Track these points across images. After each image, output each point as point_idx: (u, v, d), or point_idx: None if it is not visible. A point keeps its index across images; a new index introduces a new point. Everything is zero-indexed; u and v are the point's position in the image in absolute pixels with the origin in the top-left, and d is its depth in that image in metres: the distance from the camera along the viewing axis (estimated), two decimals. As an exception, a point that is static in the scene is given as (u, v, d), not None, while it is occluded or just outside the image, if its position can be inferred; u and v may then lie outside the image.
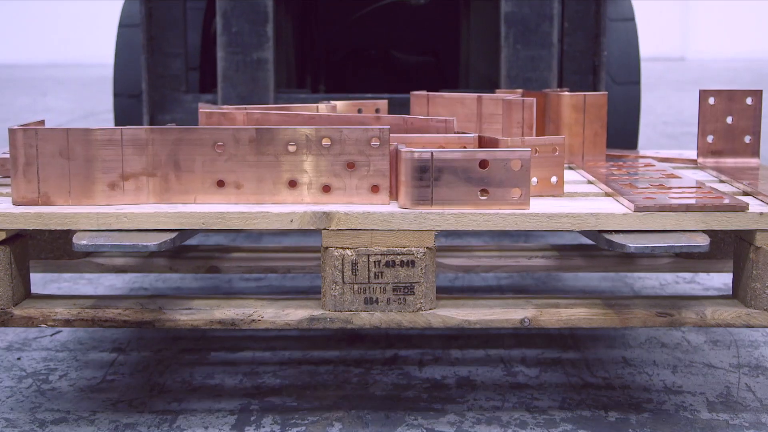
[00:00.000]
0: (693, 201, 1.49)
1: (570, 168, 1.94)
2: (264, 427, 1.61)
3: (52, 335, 2.04)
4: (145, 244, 1.42)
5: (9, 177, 1.71)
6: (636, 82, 2.80)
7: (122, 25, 2.89)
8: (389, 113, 2.37)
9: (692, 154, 2.11)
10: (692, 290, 2.38)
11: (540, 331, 2.01)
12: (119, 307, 1.52)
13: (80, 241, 1.43)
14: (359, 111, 2.11)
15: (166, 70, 2.54)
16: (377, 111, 2.13)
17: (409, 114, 2.26)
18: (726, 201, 1.49)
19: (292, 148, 1.54)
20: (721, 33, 13.83)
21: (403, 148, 1.51)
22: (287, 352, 1.93)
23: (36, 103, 7.95)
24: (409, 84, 3.21)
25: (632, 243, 1.42)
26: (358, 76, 3.17)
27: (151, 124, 2.52)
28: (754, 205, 1.52)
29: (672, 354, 1.94)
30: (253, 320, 1.51)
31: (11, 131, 1.52)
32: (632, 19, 2.88)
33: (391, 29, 3.16)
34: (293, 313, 1.52)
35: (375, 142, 1.54)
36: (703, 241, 1.43)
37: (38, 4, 13.68)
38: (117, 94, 2.82)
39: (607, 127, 2.71)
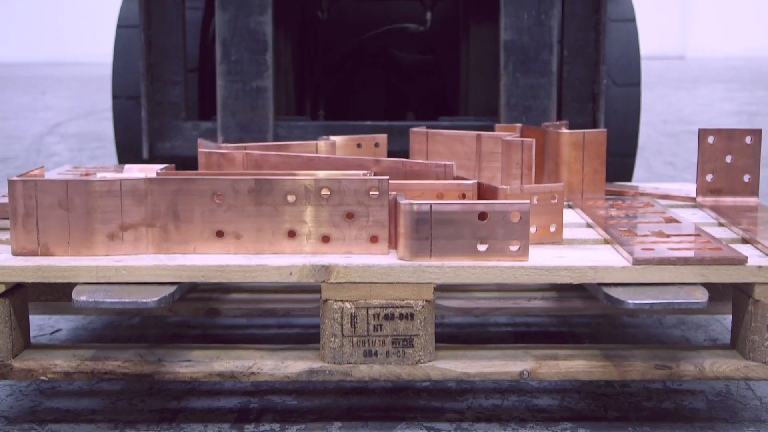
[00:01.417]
0: (692, 253, 1.49)
1: (569, 206, 1.95)
2: (263, 425, 1.60)
3: (51, 333, 2.04)
4: (144, 300, 1.42)
5: (8, 218, 1.71)
6: (636, 84, 2.79)
7: (120, 26, 2.87)
8: (389, 143, 2.37)
9: (691, 187, 2.11)
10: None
11: (541, 329, 1.97)
12: (119, 359, 1.53)
13: (80, 297, 1.43)
14: (358, 146, 2.12)
15: (165, 97, 2.54)
16: (376, 145, 2.13)
17: (408, 144, 2.26)
18: (725, 253, 1.49)
19: (291, 199, 1.55)
20: (720, 31, 13.82)
21: (402, 200, 1.51)
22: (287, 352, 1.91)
23: (35, 101, 7.94)
24: (408, 98, 3.20)
25: (631, 299, 1.42)
26: (358, 81, 3.14)
27: (150, 152, 2.52)
28: (753, 257, 1.52)
29: (672, 353, 1.94)
30: (252, 372, 1.51)
31: (10, 182, 1.52)
32: (633, 19, 2.87)
33: (392, 54, 3.16)
34: (292, 366, 1.52)
35: (374, 193, 1.55)
36: (701, 296, 1.43)
37: (37, 2, 13.66)
38: (116, 96, 2.80)
39: (607, 129, 2.70)
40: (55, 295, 1.83)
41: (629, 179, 2.89)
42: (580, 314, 1.90)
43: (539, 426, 1.60)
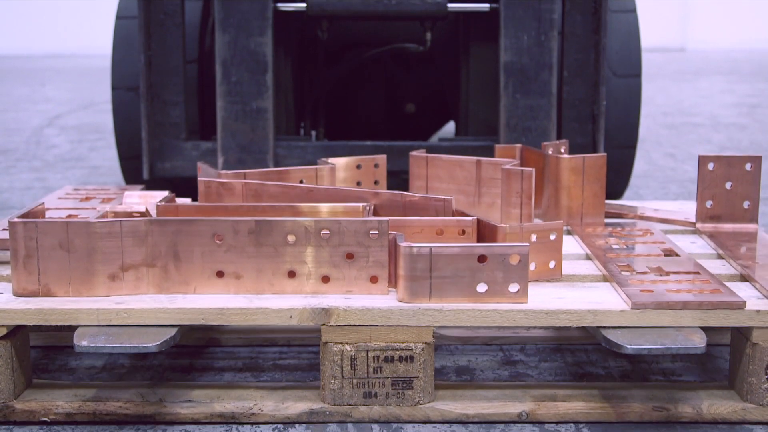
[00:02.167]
0: (690, 296, 1.50)
1: (568, 232, 1.95)
2: (260, 426, 1.55)
3: None
4: (145, 345, 1.43)
5: (8, 249, 1.71)
6: (637, 75, 2.79)
7: (119, 17, 2.86)
8: (389, 162, 2.38)
9: (691, 207, 2.11)
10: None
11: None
12: (120, 400, 1.53)
13: (81, 342, 1.44)
14: (358, 167, 2.12)
15: (166, 117, 2.53)
16: (376, 166, 2.14)
17: (408, 164, 2.27)
18: (723, 297, 1.49)
19: (291, 239, 1.55)
20: (721, 23, 13.76)
21: (401, 243, 1.51)
22: (285, 348, 1.90)
23: (35, 93, 7.92)
24: (408, 90, 3.20)
25: (629, 344, 1.43)
26: (358, 74, 3.12)
27: (150, 172, 2.52)
28: (751, 299, 1.52)
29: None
30: (253, 413, 1.52)
31: (11, 224, 1.53)
32: (633, 10, 2.87)
33: (394, 73, 3.16)
34: (293, 407, 1.53)
35: (373, 233, 1.55)
36: (700, 342, 1.44)
37: (37, -6, 13.59)
38: (115, 88, 2.79)
39: (608, 120, 2.70)
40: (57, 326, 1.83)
41: (630, 171, 2.89)
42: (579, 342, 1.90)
43: (540, 423, 1.57)
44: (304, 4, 2.51)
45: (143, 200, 1.97)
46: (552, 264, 1.65)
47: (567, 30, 2.54)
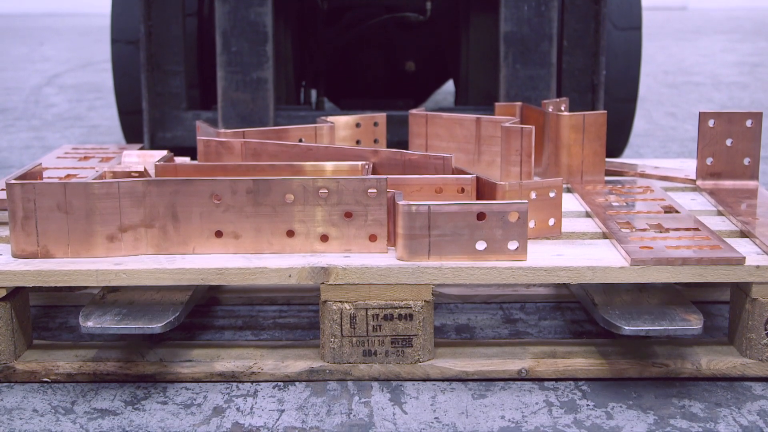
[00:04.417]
0: (690, 253, 1.50)
1: (568, 190, 1.94)
2: (261, 384, 1.55)
3: None
4: (150, 326, 1.43)
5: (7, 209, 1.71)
6: (637, 28, 2.77)
7: None
8: (389, 132, 2.37)
9: (692, 164, 2.11)
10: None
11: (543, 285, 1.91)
12: (120, 360, 1.54)
13: (87, 322, 1.45)
14: (357, 125, 2.11)
15: (166, 87, 2.52)
16: (375, 124, 2.13)
17: (407, 135, 2.25)
18: (723, 253, 1.49)
19: (289, 199, 1.54)
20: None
21: (400, 201, 1.50)
22: (285, 306, 1.90)
23: (33, 52, 7.88)
24: (407, 50, 3.18)
25: (627, 325, 1.43)
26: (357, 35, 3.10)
27: (151, 142, 2.51)
28: (751, 254, 1.52)
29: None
30: (253, 372, 1.53)
31: (8, 185, 1.52)
32: None
33: (395, 40, 3.14)
34: (292, 365, 1.53)
35: (372, 191, 1.54)
36: (697, 323, 1.44)
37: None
38: (115, 41, 2.78)
39: (608, 74, 2.69)
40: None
41: (630, 126, 2.88)
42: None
43: (540, 380, 1.56)
44: None
45: (142, 160, 1.97)
46: (551, 221, 1.64)
47: (567, 0, 2.52)
